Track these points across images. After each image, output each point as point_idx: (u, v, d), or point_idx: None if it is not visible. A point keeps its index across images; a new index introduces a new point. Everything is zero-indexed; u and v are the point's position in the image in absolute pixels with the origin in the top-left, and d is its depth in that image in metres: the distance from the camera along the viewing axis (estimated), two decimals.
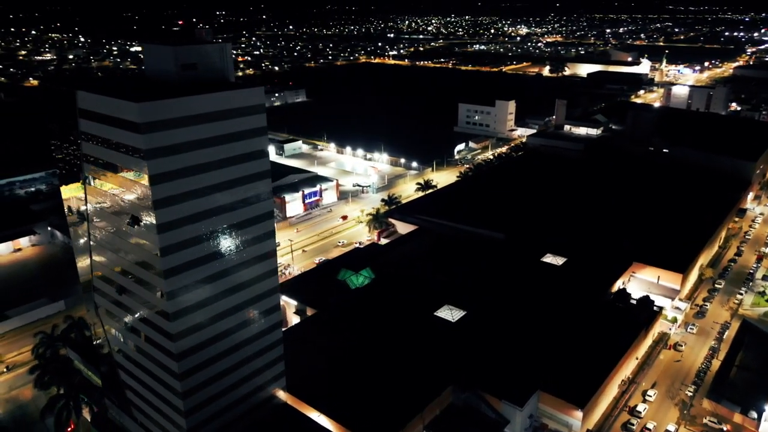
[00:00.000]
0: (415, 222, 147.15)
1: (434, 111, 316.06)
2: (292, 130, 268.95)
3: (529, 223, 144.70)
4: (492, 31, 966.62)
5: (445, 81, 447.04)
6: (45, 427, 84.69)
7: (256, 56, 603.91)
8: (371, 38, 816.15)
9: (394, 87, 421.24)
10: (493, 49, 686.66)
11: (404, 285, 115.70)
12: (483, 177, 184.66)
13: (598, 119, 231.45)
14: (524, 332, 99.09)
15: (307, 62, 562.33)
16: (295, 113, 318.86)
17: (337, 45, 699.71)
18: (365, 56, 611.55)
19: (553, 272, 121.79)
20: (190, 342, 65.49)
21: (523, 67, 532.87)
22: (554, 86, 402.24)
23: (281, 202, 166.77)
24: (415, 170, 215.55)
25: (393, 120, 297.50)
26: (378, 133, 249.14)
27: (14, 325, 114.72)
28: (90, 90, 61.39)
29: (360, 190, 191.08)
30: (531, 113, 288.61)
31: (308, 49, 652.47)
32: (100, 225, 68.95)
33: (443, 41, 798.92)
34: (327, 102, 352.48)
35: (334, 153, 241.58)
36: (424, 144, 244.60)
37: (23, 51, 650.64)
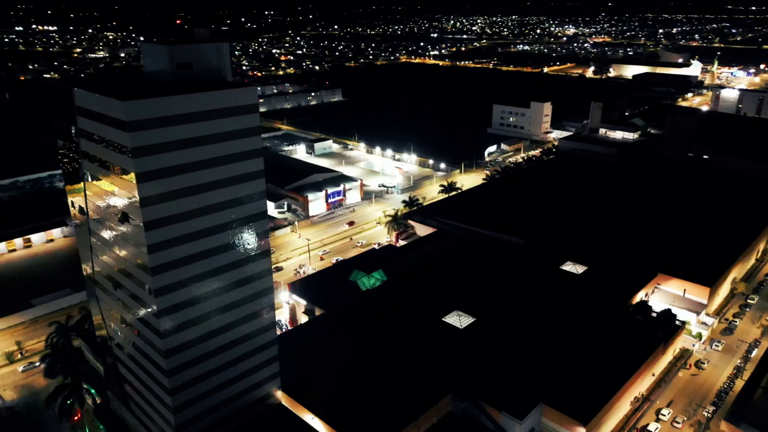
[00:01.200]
0: (434, 224, 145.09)
1: (469, 112, 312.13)
2: (325, 130, 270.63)
3: (551, 229, 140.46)
4: (538, 31, 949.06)
5: (484, 82, 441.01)
6: (53, 415, 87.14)
7: (299, 55, 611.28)
8: (414, 38, 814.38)
9: (431, 87, 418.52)
10: (536, 49, 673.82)
11: (415, 288, 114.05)
12: (509, 180, 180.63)
13: (635, 123, 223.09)
14: (534, 342, 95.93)
15: (348, 62, 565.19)
16: (329, 112, 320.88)
17: (379, 45, 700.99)
18: (406, 56, 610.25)
19: (571, 281, 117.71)
20: (179, 339, 65.88)
21: (567, 68, 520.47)
22: (597, 88, 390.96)
23: (304, 200, 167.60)
24: (442, 172, 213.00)
25: (427, 120, 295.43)
26: (410, 134, 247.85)
27: (38, 313, 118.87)
28: (85, 88, 62.45)
29: (385, 191, 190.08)
30: (569, 116, 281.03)
31: (350, 49, 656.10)
32: (97, 221, 70.27)
33: (486, 41, 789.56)
34: (363, 102, 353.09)
35: (364, 153, 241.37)
36: (455, 145, 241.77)
37: (78, 49, 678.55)
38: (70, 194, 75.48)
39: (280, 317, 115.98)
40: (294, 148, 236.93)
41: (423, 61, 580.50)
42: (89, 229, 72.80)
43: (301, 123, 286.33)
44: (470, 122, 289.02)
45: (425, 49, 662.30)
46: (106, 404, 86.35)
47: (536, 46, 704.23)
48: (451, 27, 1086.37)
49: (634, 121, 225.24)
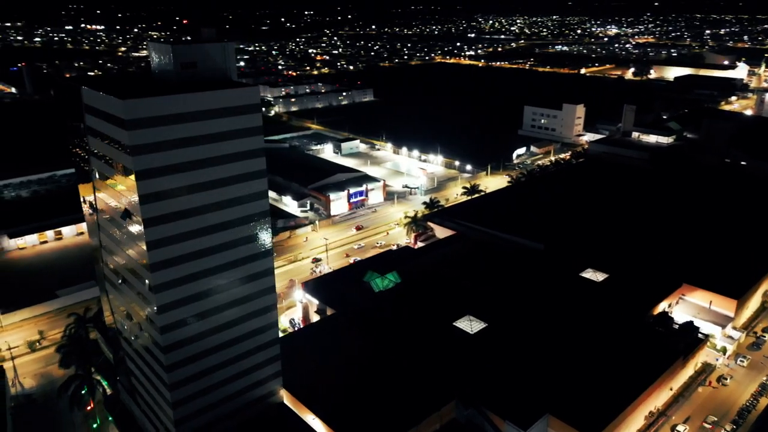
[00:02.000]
0: (454, 227, 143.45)
1: (501, 113, 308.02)
2: (354, 129, 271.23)
3: (574, 234, 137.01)
4: (578, 31, 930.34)
5: (518, 82, 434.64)
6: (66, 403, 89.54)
7: (335, 55, 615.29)
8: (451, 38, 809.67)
9: (464, 88, 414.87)
10: (575, 50, 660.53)
11: (429, 291, 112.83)
12: (534, 183, 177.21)
13: (670, 127, 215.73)
14: (546, 351, 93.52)
15: (382, 62, 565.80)
16: (360, 112, 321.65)
17: (415, 45, 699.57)
18: (441, 56, 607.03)
19: (590, 289, 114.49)
20: (178, 335, 66.62)
21: (605, 69, 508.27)
22: (635, 90, 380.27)
23: (326, 200, 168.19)
24: (468, 173, 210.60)
25: (457, 121, 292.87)
26: (439, 135, 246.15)
27: (62, 304, 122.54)
28: (92, 86, 63.78)
29: (408, 192, 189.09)
30: (604, 118, 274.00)
31: (385, 49, 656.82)
32: (104, 217, 71.79)
33: (524, 42, 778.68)
34: (394, 102, 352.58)
35: (390, 153, 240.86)
36: (483, 147, 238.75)
37: (123, 48, 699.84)
38: (82, 191, 77.37)
39: (293, 315, 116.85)
40: (322, 148, 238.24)
41: (458, 62, 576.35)
42: (98, 225, 74.46)
43: (331, 122, 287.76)
44: (501, 124, 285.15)
45: (461, 49, 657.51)
46: (116, 396, 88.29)
47: (575, 47, 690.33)
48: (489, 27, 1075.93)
49: (670, 125, 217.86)
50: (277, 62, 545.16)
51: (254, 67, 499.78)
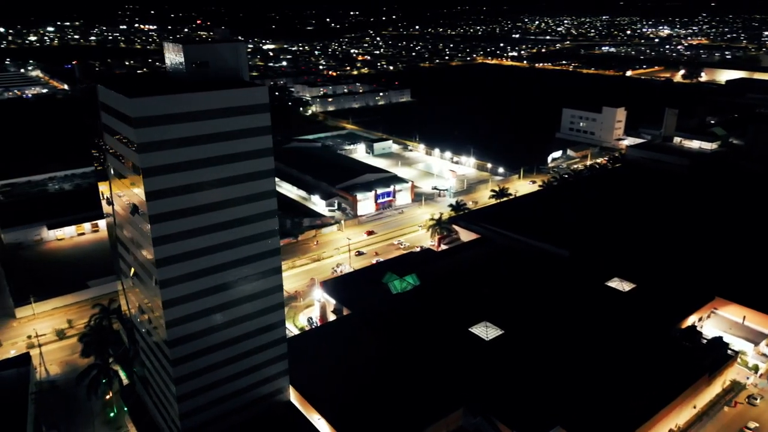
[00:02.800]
0: (478, 230, 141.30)
1: (540, 115, 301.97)
2: (389, 130, 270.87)
3: (602, 241, 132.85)
4: (628, 32, 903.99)
5: (560, 84, 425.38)
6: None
7: (376, 56, 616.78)
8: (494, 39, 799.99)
9: (505, 89, 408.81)
10: (623, 51, 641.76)
11: (447, 295, 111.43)
12: (565, 188, 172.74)
13: (715, 132, 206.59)
14: (563, 361, 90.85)
15: (423, 62, 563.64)
16: (396, 113, 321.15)
17: (458, 45, 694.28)
18: (482, 57, 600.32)
19: (616, 299, 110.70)
20: (183, 331, 67.73)
21: (653, 71, 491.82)
22: (684, 94, 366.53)
23: (353, 200, 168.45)
24: (500, 176, 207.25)
25: (494, 123, 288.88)
26: (474, 136, 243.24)
27: (92, 294, 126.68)
28: (106, 85, 65.49)
29: (437, 194, 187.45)
30: (647, 123, 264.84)
31: (426, 49, 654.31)
32: (119, 213, 73.68)
33: (570, 43, 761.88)
34: (431, 102, 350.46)
35: (423, 154, 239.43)
36: (519, 149, 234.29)
37: None
38: (100, 186, 79.62)
39: (311, 314, 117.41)
40: (354, 148, 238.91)
41: (500, 62, 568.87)
42: (114, 220, 76.50)
43: (366, 123, 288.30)
44: (539, 126, 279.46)
45: (504, 50, 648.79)
46: (131, 386, 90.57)
47: (623, 48, 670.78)
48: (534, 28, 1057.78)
49: (714, 131, 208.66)
50: (318, 62, 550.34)
51: (295, 66, 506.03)
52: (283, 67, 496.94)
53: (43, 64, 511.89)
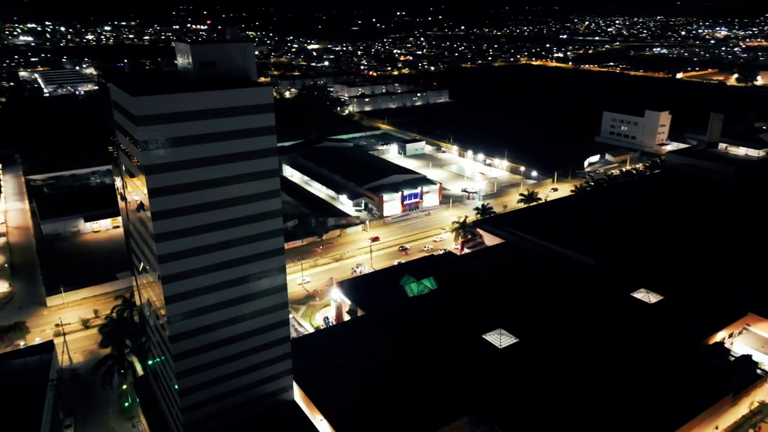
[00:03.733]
0: (503, 235, 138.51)
1: (581, 118, 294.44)
2: (423, 131, 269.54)
3: (630, 250, 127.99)
4: (682, 33, 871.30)
5: (605, 86, 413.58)
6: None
7: (418, 56, 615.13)
8: (541, 39, 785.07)
9: (547, 90, 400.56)
10: (675, 53, 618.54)
11: (463, 300, 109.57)
12: (598, 194, 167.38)
13: (763, 138, 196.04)
14: (578, 374, 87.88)
15: (465, 63, 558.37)
16: (432, 113, 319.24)
17: (502, 46, 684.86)
18: (526, 58, 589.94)
19: (641, 310, 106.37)
20: (186, 326, 68.64)
21: (706, 74, 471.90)
22: (736, 98, 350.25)
23: (379, 200, 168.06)
24: (533, 180, 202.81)
25: (532, 125, 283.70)
26: (510, 138, 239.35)
27: (120, 285, 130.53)
28: (116, 83, 67.06)
29: (466, 196, 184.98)
30: (695, 127, 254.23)
31: (470, 50, 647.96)
32: (130, 209, 75.43)
33: (620, 44, 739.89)
34: (470, 103, 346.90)
35: (456, 156, 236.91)
36: (555, 153, 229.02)
37: None
38: (117, 183, 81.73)
39: (328, 314, 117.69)
40: (387, 148, 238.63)
41: (544, 64, 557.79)
42: (127, 216, 78.41)
43: (401, 123, 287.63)
44: (579, 130, 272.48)
45: (549, 50, 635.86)
46: (145, 378, 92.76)
47: (675, 50, 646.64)
48: (584, 28, 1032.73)
49: (762, 137, 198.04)
50: (360, 62, 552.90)
51: (337, 66, 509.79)
52: (324, 67, 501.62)
53: (97, 62, 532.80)
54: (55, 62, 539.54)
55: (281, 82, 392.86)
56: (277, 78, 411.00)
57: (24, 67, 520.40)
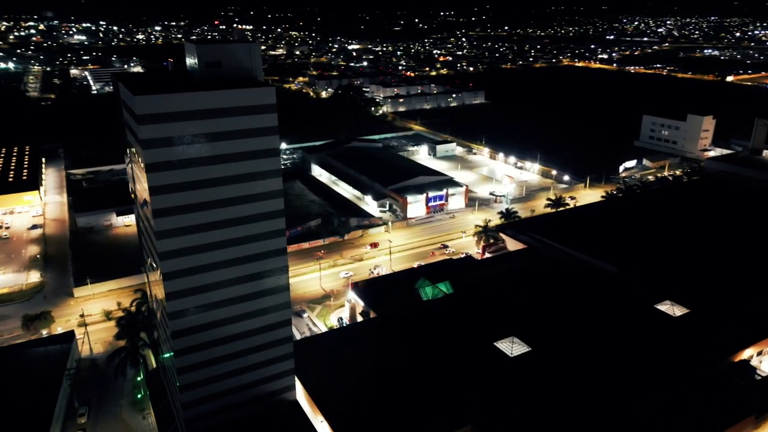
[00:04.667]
0: (525, 240, 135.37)
1: (621, 121, 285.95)
2: (456, 132, 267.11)
3: (658, 260, 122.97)
4: (737, 34, 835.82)
5: (650, 89, 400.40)
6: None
7: (458, 56, 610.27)
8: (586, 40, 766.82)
9: (587, 92, 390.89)
10: (727, 55, 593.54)
11: (478, 306, 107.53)
12: (630, 200, 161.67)
13: None
14: (589, 387, 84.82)
15: (505, 64, 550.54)
16: (466, 115, 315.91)
17: (545, 47, 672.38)
18: (569, 59, 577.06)
19: (664, 323, 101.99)
20: (187, 323, 69.45)
21: (759, 77, 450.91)
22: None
23: (403, 202, 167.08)
24: (565, 184, 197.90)
25: (569, 128, 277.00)
26: (544, 141, 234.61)
27: (144, 279, 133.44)
28: (123, 82, 68.46)
29: (493, 199, 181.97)
30: (741, 133, 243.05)
31: (511, 51, 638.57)
32: (138, 205, 76.99)
33: (669, 45, 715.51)
34: (505, 105, 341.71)
35: (487, 158, 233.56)
36: (590, 157, 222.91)
37: (263, 46, 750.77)
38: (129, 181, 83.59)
39: (342, 314, 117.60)
40: (417, 149, 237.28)
41: (587, 65, 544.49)
42: (137, 212, 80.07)
43: (434, 124, 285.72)
44: (618, 133, 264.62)
45: (594, 51, 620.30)
46: (156, 371, 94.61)
47: (728, 51, 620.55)
48: (632, 29, 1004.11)
49: None
50: (399, 62, 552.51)
51: (374, 67, 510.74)
52: (362, 68, 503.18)
53: (144, 61, 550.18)
54: (105, 61, 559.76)
55: (318, 82, 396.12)
56: (315, 78, 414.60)
57: (75, 65, 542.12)
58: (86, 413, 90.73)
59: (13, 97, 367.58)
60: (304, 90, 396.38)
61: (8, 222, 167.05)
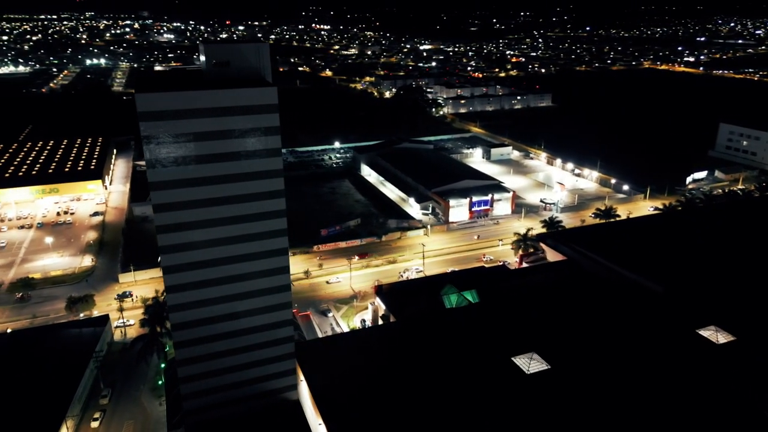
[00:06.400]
0: (566, 252, 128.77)
1: (697, 129, 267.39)
2: (515, 135, 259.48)
3: (708, 280, 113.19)
4: None
5: (737, 95, 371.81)
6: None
7: (531, 57, 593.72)
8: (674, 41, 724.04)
9: (666, 97, 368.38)
10: None
11: (502, 318, 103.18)
12: (690, 214, 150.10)
13: None
14: (608, 415, 79.05)
15: (579, 66, 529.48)
16: (529, 118, 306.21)
17: (627, 48, 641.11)
18: (650, 62, 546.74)
19: (705, 351, 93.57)
20: (185, 317, 70.94)
21: None
22: None
23: (446, 205, 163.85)
24: (624, 194, 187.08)
25: (639, 134, 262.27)
26: (610, 147, 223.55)
27: None
28: (138, 80, 70.51)
29: (542, 207, 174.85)
30: None
31: (589, 52, 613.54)
32: None
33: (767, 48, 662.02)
34: (573, 109, 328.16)
35: (544, 163, 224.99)
36: (657, 166, 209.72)
37: (336, 46, 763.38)
38: None
39: (365, 317, 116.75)
40: (471, 152, 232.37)
41: (670, 68, 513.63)
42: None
43: (494, 126, 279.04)
44: (692, 141, 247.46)
45: (680, 54, 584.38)
46: (173, 361, 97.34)
47: None
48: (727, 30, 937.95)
49: None
50: (469, 63, 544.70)
51: (442, 67, 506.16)
52: (428, 68, 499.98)
53: None
54: (188, 59, 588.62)
55: (383, 82, 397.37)
56: (381, 78, 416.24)
57: (160, 62, 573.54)
58: (109, 395, 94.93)
59: (100, 91, 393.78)
60: (368, 90, 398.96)
61: (74, 208, 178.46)
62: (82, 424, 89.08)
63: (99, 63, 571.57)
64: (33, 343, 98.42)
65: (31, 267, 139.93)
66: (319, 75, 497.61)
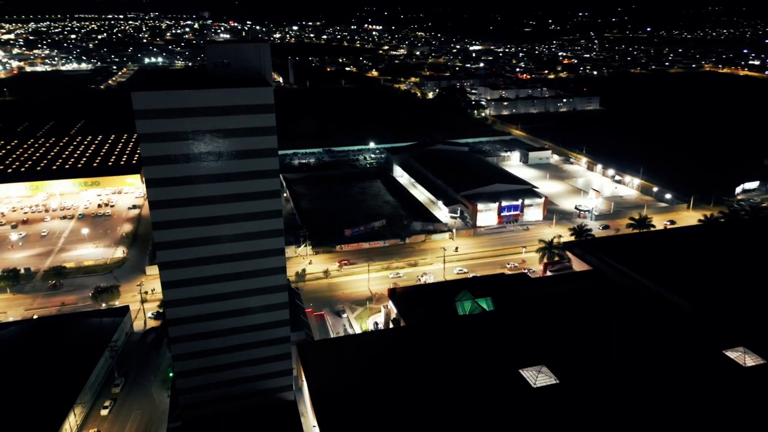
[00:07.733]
0: (592, 262, 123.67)
1: (755, 136, 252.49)
2: (557, 139, 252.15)
3: (740, 298, 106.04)
4: None
5: None
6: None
7: (584, 59, 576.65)
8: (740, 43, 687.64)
9: (725, 102, 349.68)
10: None
11: (517, 328, 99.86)
12: (732, 227, 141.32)
13: None
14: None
15: (635, 68, 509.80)
16: (574, 121, 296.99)
17: (687, 50, 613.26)
18: (711, 64, 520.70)
19: (730, 373, 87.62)
20: (180, 313, 71.93)
21: None
22: None
23: (473, 209, 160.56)
24: (665, 203, 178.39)
25: (689, 140, 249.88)
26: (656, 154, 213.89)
27: None
28: (142, 77, 71.88)
29: (576, 214, 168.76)
30: None
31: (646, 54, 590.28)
32: None
33: None
34: (623, 113, 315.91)
35: (584, 169, 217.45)
36: (705, 174, 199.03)
37: (386, 47, 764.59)
38: None
39: (378, 319, 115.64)
40: (508, 155, 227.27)
41: (733, 72, 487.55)
42: None
43: (535, 129, 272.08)
44: (747, 149, 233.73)
45: (745, 57, 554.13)
46: None
47: None
48: None
49: None
50: (518, 64, 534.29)
51: (489, 68, 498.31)
52: (473, 68, 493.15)
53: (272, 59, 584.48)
54: None
55: (427, 83, 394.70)
56: (425, 78, 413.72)
57: None
58: (121, 384, 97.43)
59: None
60: (412, 90, 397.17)
61: (114, 201, 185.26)
62: (92, 411, 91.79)
63: (156, 62, 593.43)
64: (54, 331, 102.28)
65: (67, 256, 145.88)
66: (365, 75, 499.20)
